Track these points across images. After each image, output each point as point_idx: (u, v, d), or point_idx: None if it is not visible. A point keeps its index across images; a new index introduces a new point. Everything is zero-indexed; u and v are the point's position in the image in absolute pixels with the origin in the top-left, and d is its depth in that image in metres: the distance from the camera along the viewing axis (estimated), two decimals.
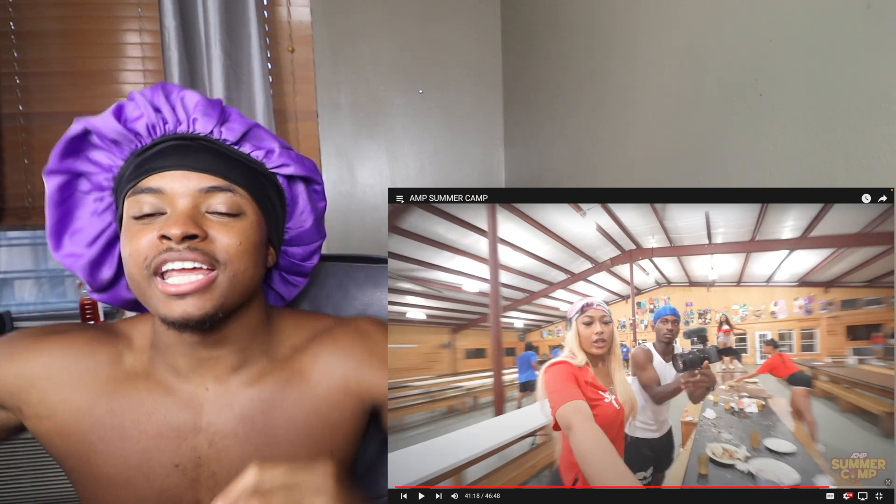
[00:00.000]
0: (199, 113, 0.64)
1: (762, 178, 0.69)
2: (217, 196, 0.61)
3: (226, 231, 0.61)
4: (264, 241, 0.66)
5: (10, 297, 1.99)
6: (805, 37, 0.62)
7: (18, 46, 1.74)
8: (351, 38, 1.85)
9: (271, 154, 0.67)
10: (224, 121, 0.65)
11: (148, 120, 0.63)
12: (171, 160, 0.61)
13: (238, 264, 0.61)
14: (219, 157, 0.63)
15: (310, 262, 0.77)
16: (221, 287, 0.60)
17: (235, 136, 0.65)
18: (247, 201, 0.63)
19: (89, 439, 0.65)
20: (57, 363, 0.66)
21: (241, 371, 0.68)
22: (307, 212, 0.73)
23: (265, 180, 0.67)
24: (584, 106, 1.25)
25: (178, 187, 0.60)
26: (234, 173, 0.63)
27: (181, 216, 0.58)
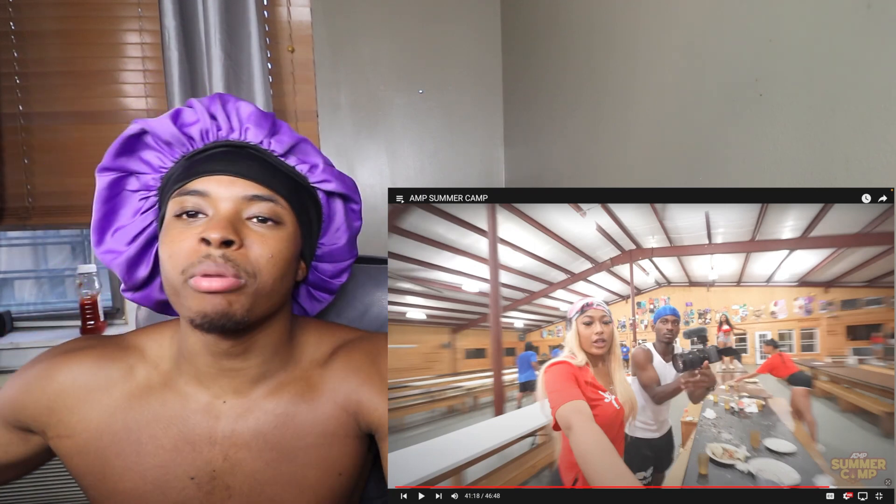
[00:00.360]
0: (252, 123, 0.66)
1: (762, 178, 0.69)
2: (259, 204, 0.62)
3: (261, 242, 0.61)
4: (297, 255, 0.67)
5: (10, 297, 1.99)
6: (805, 37, 0.62)
7: (18, 46, 1.74)
8: (351, 38, 1.85)
9: (315, 169, 0.69)
10: (274, 133, 0.67)
11: (203, 125, 0.65)
12: (219, 164, 0.63)
13: (267, 276, 0.61)
14: (265, 167, 0.64)
15: (338, 280, 0.77)
16: (249, 295, 0.60)
17: (283, 148, 0.67)
18: (287, 212, 0.64)
19: (106, 456, 0.65)
20: (70, 384, 0.67)
21: (261, 385, 0.68)
22: (342, 229, 0.74)
23: (306, 194, 0.68)
24: (584, 106, 1.25)
25: (222, 192, 0.61)
26: (278, 184, 0.64)
27: (222, 220, 0.59)
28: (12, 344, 1.66)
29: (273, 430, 0.67)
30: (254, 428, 0.67)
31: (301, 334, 0.73)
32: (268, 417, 0.67)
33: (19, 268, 2.04)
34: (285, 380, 0.69)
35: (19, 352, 1.66)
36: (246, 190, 0.62)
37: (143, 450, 0.65)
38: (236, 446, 0.66)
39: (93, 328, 1.68)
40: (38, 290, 2.03)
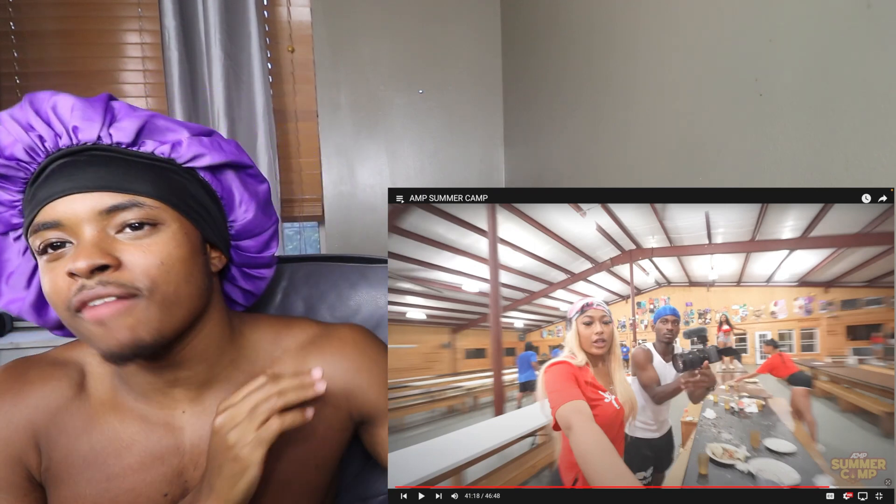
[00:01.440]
0: (78, 118, 0.55)
1: (762, 178, 0.69)
2: (122, 214, 0.53)
3: (142, 252, 0.53)
4: (196, 249, 0.59)
5: None
6: (805, 37, 0.62)
7: (18, 46, 1.74)
8: (351, 38, 1.85)
9: (178, 146, 0.58)
10: (112, 121, 0.56)
11: (22, 143, 0.55)
12: (59, 184, 0.53)
13: (165, 285, 0.54)
14: (114, 167, 0.55)
15: (268, 252, 0.70)
16: (151, 312, 0.53)
17: (129, 135, 0.56)
18: (160, 210, 0.55)
19: (78, 484, 0.61)
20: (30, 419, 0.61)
21: (216, 388, 0.64)
22: (246, 200, 0.64)
23: (182, 178, 0.59)
24: (584, 106, 1.25)
25: (74, 215, 0.53)
26: (136, 182, 0.55)
27: (85, 247, 0.51)
28: (12, 344, 1.66)
29: None
30: None
31: (251, 331, 0.68)
32: None
33: None
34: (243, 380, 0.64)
35: (19, 352, 1.66)
36: (100, 202, 0.53)
37: (111, 472, 0.61)
38: (206, 453, 0.61)
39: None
40: None
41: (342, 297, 0.89)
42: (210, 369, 0.63)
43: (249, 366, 0.66)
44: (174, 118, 0.62)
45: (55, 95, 0.56)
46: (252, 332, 0.69)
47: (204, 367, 0.63)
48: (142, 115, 0.58)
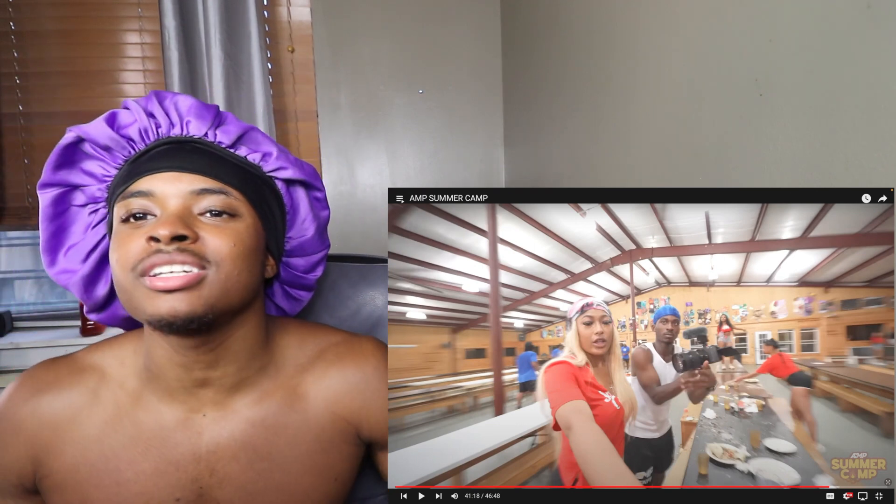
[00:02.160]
0: (193, 115, 0.62)
1: (762, 178, 0.69)
2: (209, 198, 0.59)
3: (218, 233, 0.58)
4: (261, 248, 0.63)
5: (10, 297, 1.99)
6: (805, 37, 0.62)
7: (18, 46, 1.74)
8: (351, 38, 1.85)
9: (269, 157, 0.65)
10: (219, 124, 0.64)
11: (140, 124, 0.61)
12: (161, 162, 0.59)
13: (231, 266, 0.57)
14: (212, 159, 0.61)
15: (313, 275, 0.74)
16: (212, 287, 0.56)
17: (231, 138, 0.63)
18: (242, 203, 0.61)
19: (85, 489, 0.61)
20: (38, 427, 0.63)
21: (241, 393, 0.65)
22: (308, 220, 0.70)
23: (263, 185, 0.65)
24: (584, 106, 1.25)
25: (168, 189, 0.58)
26: (227, 175, 0.61)
27: (171, 216, 0.56)
28: (12, 344, 1.66)
29: (264, 442, 0.64)
30: (241, 440, 0.64)
31: (280, 336, 0.70)
32: (256, 429, 0.64)
33: (19, 268, 2.04)
34: (269, 388, 0.66)
35: (19, 352, 1.66)
36: (193, 184, 0.58)
37: (122, 478, 0.61)
38: (224, 460, 0.63)
39: (92, 328, 1.68)
40: (38, 290, 2.03)
41: (341, 297, 0.89)
42: (239, 373, 0.64)
43: (277, 372, 0.68)
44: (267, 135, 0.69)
45: (179, 94, 0.64)
46: (282, 337, 0.70)
47: (234, 370, 0.64)
48: (244, 126, 0.65)
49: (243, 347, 0.64)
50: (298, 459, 0.66)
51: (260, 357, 0.66)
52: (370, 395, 0.69)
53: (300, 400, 0.67)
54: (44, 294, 2.02)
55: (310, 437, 0.66)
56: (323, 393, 0.68)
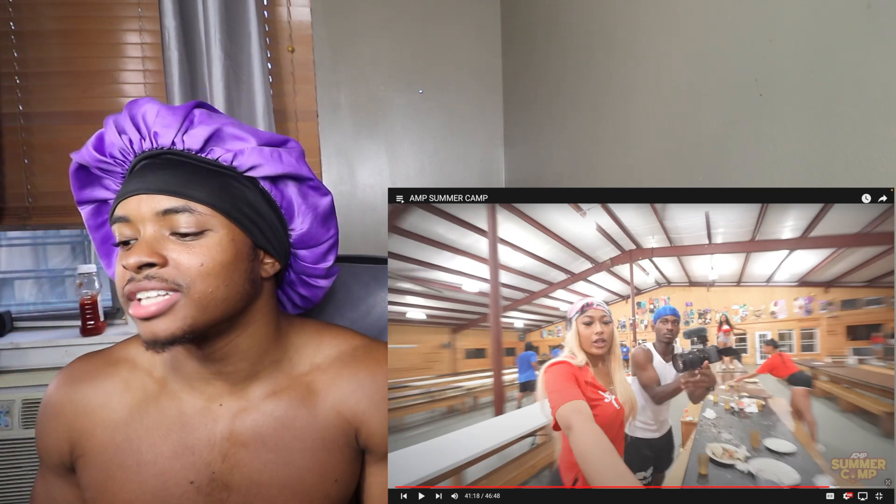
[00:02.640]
0: (159, 125, 0.61)
1: (762, 178, 0.69)
2: (174, 218, 0.59)
3: (186, 253, 0.59)
4: (243, 255, 0.63)
5: (10, 297, 1.99)
6: (805, 37, 0.62)
7: (18, 46, 1.74)
8: (351, 38, 1.85)
9: (240, 156, 0.62)
10: (188, 128, 0.62)
11: (117, 144, 0.62)
12: (133, 183, 0.60)
13: (203, 285, 0.59)
14: (178, 172, 0.60)
15: (324, 263, 0.73)
16: (186, 308, 0.58)
17: (198, 142, 0.61)
18: (210, 217, 0.60)
19: (110, 469, 0.66)
20: (74, 412, 0.68)
21: (255, 385, 0.68)
22: (303, 211, 0.68)
23: (242, 186, 0.63)
24: (584, 106, 1.25)
25: (139, 213, 0.59)
26: (195, 189, 0.60)
27: (139, 245, 0.58)
28: (12, 344, 1.66)
29: (272, 433, 0.67)
30: (252, 428, 0.67)
31: (296, 335, 0.72)
32: (266, 419, 0.67)
33: (19, 268, 2.04)
34: (284, 382, 0.69)
35: (19, 352, 1.66)
36: (158, 205, 0.59)
37: (143, 459, 0.66)
38: (235, 446, 0.66)
39: (93, 328, 1.68)
40: (38, 290, 2.03)
41: (352, 298, 0.89)
42: (252, 367, 0.67)
43: (291, 368, 0.70)
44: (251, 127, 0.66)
45: (148, 103, 0.62)
46: (298, 335, 0.72)
47: (246, 365, 0.67)
48: (214, 124, 0.62)
49: (252, 345, 0.66)
50: (303, 454, 0.68)
51: (272, 352, 0.69)
52: (378, 399, 0.70)
53: (312, 396, 0.69)
54: (44, 294, 2.02)
55: (315, 433, 0.68)
56: (333, 392, 0.69)
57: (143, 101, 0.63)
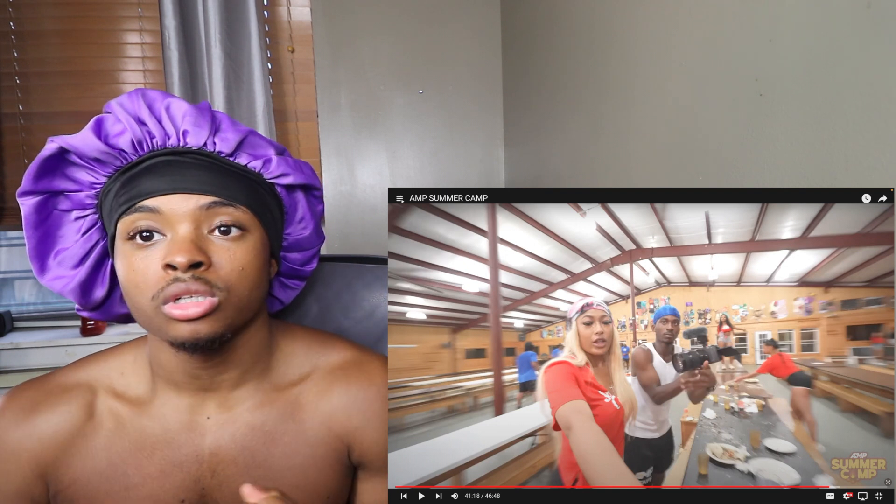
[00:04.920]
0: (190, 124, 0.58)
1: (762, 178, 0.69)
2: (219, 214, 0.58)
3: (229, 256, 0.57)
4: (268, 259, 0.63)
5: (11, 297, 1.99)
6: (805, 37, 0.62)
7: (18, 46, 1.74)
8: (351, 38, 1.85)
9: (269, 164, 0.63)
10: (217, 130, 0.60)
11: (133, 135, 0.58)
12: (164, 181, 0.57)
13: (241, 290, 0.58)
14: (215, 173, 0.59)
15: (309, 267, 0.74)
16: (227, 311, 0.57)
17: (231, 146, 0.60)
18: (249, 217, 0.60)
19: (97, 497, 0.63)
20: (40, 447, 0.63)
21: (243, 397, 0.66)
22: (307, 218, 0.69)
23: (265, 191, 0.63)
24: (584, 106, 1.25)
25: (177, 208, 0.56)
26: (234, 189, 0.59)
27: (185, 241, 0.55)
28: (12, 344, 1.66)
29: (261, 447, 0.65)
30: (241, 443, 0.65)
31: (286, 342, 0.70)
32: (255, 434, 0.65)
33: (19, 268, 2.04)
34: (271, 393, 0.67)
35: (19, 352, 1.66)
36: (201, 201, 0.57)
37: (130, 483, 0.63)
38: (224, 462, 0.64)
39: (93, 328, 1.68)
40: (38, 290, 2.03)
41: (356, 298, 0.89)
42: (243, 375, 0.65)
43: (279, 378, 0.68)
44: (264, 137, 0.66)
45: (169, 97, 0.59)
46: (287, 343, 0.70)
47: (238, 373, 0.65)
48: (242, 131, 0.62)
49: (247, 351, 0.65)
50: (292, 471, 0.66)
51: (262, 360, 0.67)
52: (370, 416, 0.68)
53: (300, 410, 0.67)
54: (44, 294, 2.02)
55: (305, 449, 0.66)
56: (323, 407, 0.67)
57: (159, 92, 0.60)
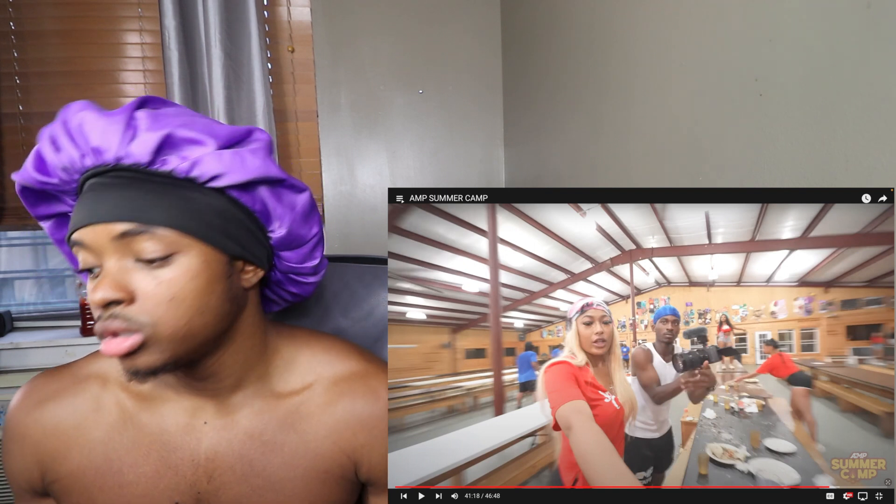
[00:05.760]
0: (98, 139, 0.53)
1: (762, 178, 0.69)
2: (135, 242, 0.52)
3: (155, 286, 0.53)
4: (218, 275, 0.56)
5: (11, 297, 1.99)
6: (805, 37, 0.62)
7: (18, 46, 1.74)
8: (351, 38, 1.85)
9: (197, 165, 0.54)
10: (132, 138, 0.53)
11: (57, 161, 0.55)
12: (84, 210, 0.53)
13: (173, 321, 0.53)
14: (133, 191, 0.53)
15: (310, 262, 0.67)
16: (160, 344, 0.53)
17: (147, 154, 0.53)
18: (175, 237, 0.53)
19: (91, 492, 0.62)
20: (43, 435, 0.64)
21: (242, 402, 0.64)
22: (279, 215, 0.60)
23: (205, 197, 0.55)
24: (584, 106, 1.25)
25: (95, 241, 0.53)
26: (152, 210, 0.52)
27: (103, 279, 0.52)
28: (12, 344, 1.66)
29: (260, 457, 0.63)
30: (238, 452, 0.63)
31: (286, 348, 0.67)
32: (253, 443, 0.63)
33: (19, 268, 2.04)
34: (271, 400, 0.65)
35: (19, 352, 1.66)
36: (114, 231, 0.52)
37: (124, 480, 0.62)
38: (221, 469, 0.63)
39: (93, 328, 1.68)
40: (38, 290, 2.03)
41: (356, 298, 0.89)
42: (237, 383, 0.63)
43: (280, 384, 0.65)
44: (207, 120, 0.57)
45: (82, 111, 0.54)
46: (288, 348, 0.67)
47: (231, 381, 0.63)
48: (162, 129, 0.53)
49: (236, 361, 0.62)
50: (293, 483, 0.64)
51: (258, 366, 0.65)
52: (378, 433, 0.66)
53: (302, 420, 0.65)
54: (44, 294, 2.02)
55: (306, 462, 0.64)
56: (327, 420, 0.65)
57: (77, 107, 0.55)
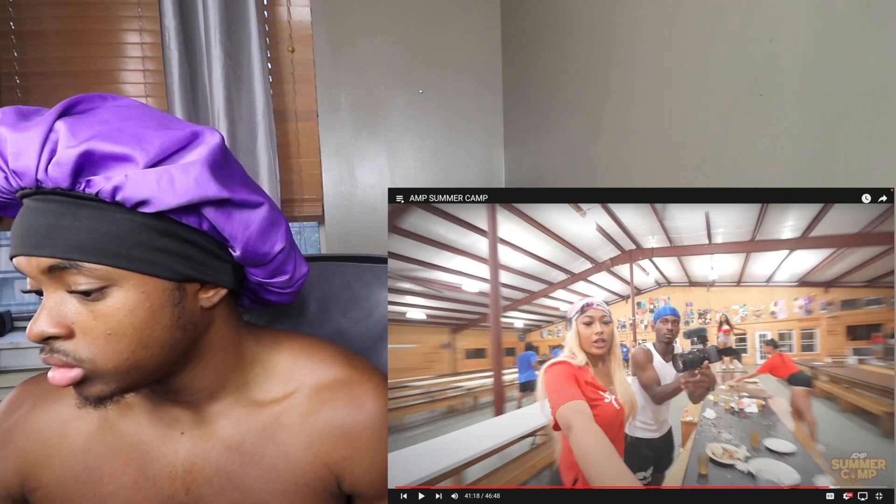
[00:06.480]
0: (13, 161, 0.47)
1: (762, 178, 0.69)
2: (64, 276, 0.48)
3: (92, 320, 0.49)
4: (161, 305, 0.52)
5: (11, 297, 1.99)
6: (805, 37, 0.62)
7: (18, 46, 1.74)
8: (351, 38, 1.85)
9: (121, 190, 0.47)
10: (51, 157, 0.47)
11: None
12: (15, 237, 0.50)
13: (113, 355, 0.50)
14: (60, 217, 0.48)
15: (280, 278, 0.62)
16: (103, 378, 0.51)
17: (66, 176, 0.47)
18: (106, 272, 0.49)
19: (72, 501, 0.62)
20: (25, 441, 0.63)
21: (219, 413, 0.62)
22: (231, 235, 0.54)
23: (145, 217, 0.49)
24: (584, 106, 1.25)
25: (31, 271, 0.50)
26: (77, 238, 0.48)
27: (40, 313, 0.49)
28: (12, 344, 1.66)
29: (238, 469, 0.61)
30: (216, 464, 0.61)
31: (268, 356, 0.64)
32: (231, 454, 0.61)
33: None
34: (252, 410, 0.62)
35: (19, 352, 1.66)
36: (41, 265, 0.48)
37: (104, 490, 0.61)
38: (198, 481, 0.62)
39: None
40: None
41: (355, 297, 0.89)
42: (212, 395, 0.61)
43: (260, 393, 0.63)
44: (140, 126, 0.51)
45: (8, 123, 0.49)
46: (268, 356, 0.65)
47: (205, 394, 0.61)
48: (81, 143, 0.47)
49: (209, 374, 0.60)
50: (273, 496, 0.62)
51: (234, 377, 0.62)
52: (360, 445, 0.63)
53: (282, 431, 0.62)
54: None
55: (286, 475, 0.62)
56: (308, 431, 0.62)
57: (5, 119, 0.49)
